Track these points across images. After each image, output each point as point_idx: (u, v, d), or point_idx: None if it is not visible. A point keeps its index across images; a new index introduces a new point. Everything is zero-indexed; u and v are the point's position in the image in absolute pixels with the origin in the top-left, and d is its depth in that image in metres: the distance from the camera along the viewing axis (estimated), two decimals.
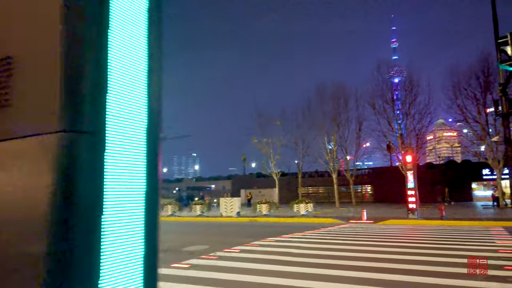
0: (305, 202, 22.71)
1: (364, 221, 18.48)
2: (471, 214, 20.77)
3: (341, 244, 10.44)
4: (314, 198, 49.44)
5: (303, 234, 13.34)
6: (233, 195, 52.70)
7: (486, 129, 27.87)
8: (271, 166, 38.38)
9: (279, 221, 21.02)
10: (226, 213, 24.11)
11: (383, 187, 45.27)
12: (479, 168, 39.75)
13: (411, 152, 20.40)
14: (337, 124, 36.85)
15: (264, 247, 10.13)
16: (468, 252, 8.68)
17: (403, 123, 33.21)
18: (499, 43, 14.34)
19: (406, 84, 33.73)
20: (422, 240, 11.35)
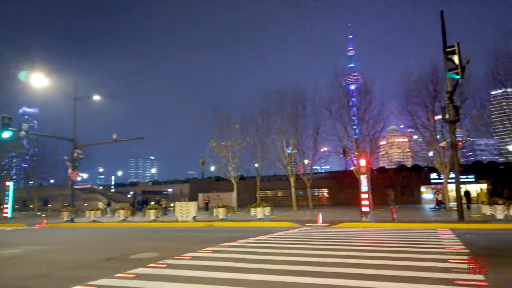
0: (262, 206, 22.54)
1: (320, 225, 18.63)
2: (420, 217, 21.62)
3: (295, 249, 10.32)
4: (272, 201, 49.70)
5: (258, 238, 13.13)
6: (191, 199, 51.73)
7: (434, 135, 29.31)
8: (229, 170, 38.01)
9: (235, 225, 20.72)
10: (182, 218, 23.43)
11: (339, 190, 46.42)
12: (428, 172, 41.83)
13: (365, 156, 20.89)
14: (296, 128, 37.26)
15: (217, 253, 9.78)
16: (417, 254, 8.85)
17: (358, 128, 34.17)
18: (447, 52, 15.04)
19: (361, 90, 34.80)
20: (373, 243, 11.51)
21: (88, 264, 8.97)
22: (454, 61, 14.74)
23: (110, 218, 29.67)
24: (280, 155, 37.18)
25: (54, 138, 36.50)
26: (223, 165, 38.34)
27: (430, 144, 29.69)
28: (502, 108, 29.85)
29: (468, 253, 8.95)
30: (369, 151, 33.47)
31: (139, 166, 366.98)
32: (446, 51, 15.28)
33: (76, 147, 29.22)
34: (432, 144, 29.46)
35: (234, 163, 37.90)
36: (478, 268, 7.03)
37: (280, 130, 36.85)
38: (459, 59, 14.56)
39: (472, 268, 7.08)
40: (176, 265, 8.30)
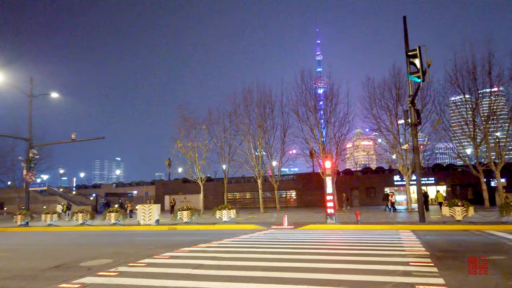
0: (228, 208, 22.13)
1: (285, 227, 18.46)
2: (383, 218, 21.94)
3: (257, 253, 10.00)
4: (240, 203, 49.35)
5: (221, 242, 12.72)
6: (157, 201, 50.55)
7: (397, 138, 30.03)
8: (196, 171, 37.30)
9: (200, 228, 20.19)
10: (144, 221, 22.60)
11: (306, 192, 46.75)
12: (391, 174, 42.95)
13: (330, 158, 20.96)
14: (263, 130, 37.15)
15: (175, 259, 9.29)
16: (380, 257, 8.77)
17: (324, 130, 34.54)
18: (409, 56, 15.29)
19: (328, 93, 35.22)
20: (337, 246, 11.40)
21: (30, 273, 8.20)
22: (416, 65, 15.02)
23: (68, 221, 28.25)
24: (248, 156, 36.96)
25: (7, 137, 34.39)
26: (190, 167, 37.60)
27: (393, 147, 30.41)
28: (460, 113, 31.04)
29: (428, 255, 8.98)
30: (335, 154, 33.92)
31: (104, 167, 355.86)
32: (408, 55, 15.57)
33: (32, 146, 27.64)
34: (395, 147, 30.18)
35: (201, 165, 37.25)
36: (438, 271, 7.02)
37: (247, 132, 36.66)
38: (420, 63, 14.84)
39: (432, 271, 7.05)
40: (128, 273, 7.76)
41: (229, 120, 37.90)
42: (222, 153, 38.22)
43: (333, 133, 34.19)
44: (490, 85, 28.62)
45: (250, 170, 37.60)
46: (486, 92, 29.39)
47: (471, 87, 28.80)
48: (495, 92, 29.23)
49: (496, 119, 29.43)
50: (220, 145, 37.99)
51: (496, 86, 28.94)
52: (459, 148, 32.33)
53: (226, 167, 39.20)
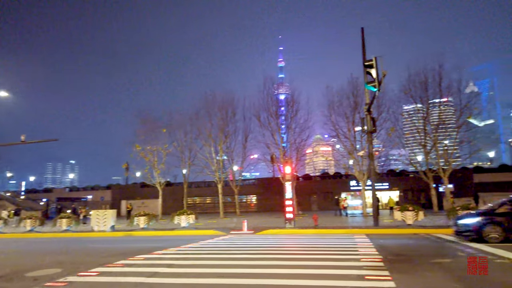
0: (186, 214, 21.77)
1: (245, 232, 18.44)
2: (340, 223, 22.53)
3: (215, 259, 9.90)
4: (200, 208, 48.76)
5: (178, 249, 12.47)
6: (113, 206, 48.72)
7: (354, 144, 31.06)
8: (155, 176, 36.46)
9: (157, 234, 19.71)
10: (99, 227, 21.70)
11: (267, 197, 47.05)
12: (348, 179, 44.27)
13: (290, 163, 21.27)
14: (225, 134, 37.05)
15: (129, 267, 8.97)
16: (335, 262, 8.97)
17: (285, 136, 35.04)
18: (366, 66, 15.89)
19: (289, 100, 35.81)
20: (294, 251, 11.55)
21: None
22: (372, 75, 15.65)
23: (15, 228, 26.56)
24: (208, 161, 36.68)
25: None
26: (148, 171, 36.69)
27: (350, 153, 31.39)
28: (412, 121, 32.66)
29: (381, 259, 9.29)
30: (295, 159, 34.47)
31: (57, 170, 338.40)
32: (365, 65, 16.20)
33: None
34: (352, 153, 31.17)
35: (160, 169, 36.50)
36: (390, 275, 7.29)
37: (209, 136, 36.39)
38: (376, 73, 15.48)
39: (384, 275, 7.31)
40: (78, 283, 7.39)
41: (190, 124, 37.49)
42: (182, 157, 37.69)
43: (294, 139, 34.77)
44: (440, 95, 30.36)
45: (210, 175, 37.32)
46: (436, 102, 31.13)
47: (423, 97, 30.40)
48: (444, 102, 31.04)
49: (444, 127, 31.26)
50: (180, 149, 37.47)
51: (445, 97, 30.74)
52: (411, 155, 33.98)
53: (187, 172, 38.66)
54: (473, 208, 17.46)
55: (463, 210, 17.43)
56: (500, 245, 11.31)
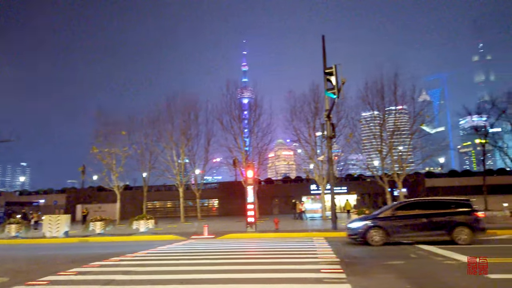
0: (146, 218, 21.26)
1: (206, 237, 18.29)
2: (300, 226, 22.92)
3: (173, 265, 9.74)
4: (161, 212, 47.76)
5: (136, 255, 12.14)
6: (68, 211, 46.53)
7: (315, 149, 31.77)
8: (113, 179, 35.31)
9: (114, 240, 19.09)
10: (51, 233, 20.67)
11: (229, 201, 46.92)
12: (308, 183, 45.15)
13: (252, 167, 21.38)
14: (187, 137, 36.59)
15: (83, 275, 8.62)
16: (294, 265, 9.12)
17: (248, 140, 35.19)
18: (326, 73, 16.36)
19: (252, 103, 36.05)
20: (254, 255, 11.62)
21: None
22: (332, 82, 16.15)
23: None
24: (170, 164, 36.04)
25: None
26: (106, 174, 35.48)
27: (311, 157, 32.07)
28: (370, 128, 33.89)
29: (338, 261, 9.56)
30: (257, 163, 34.70)
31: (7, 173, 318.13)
32: (325, 72, 16.69)
33: None
34: (312, 158, 31.86)
35: (119, 172, 35.39)
36: (346, 277, 7.53)
37: (170, 139, 35.78)
38: (336, 80, 15.99)
39: (341, 278, 7.54)
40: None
41: (152, 126, 36.69)
42: (142, 160, 36.80)
43: (256, 143, 35.01)
44: (395, 103, 31.74)
45: (172, 178, 36.70)
46: (392, 110, 32.52)
47: (380, 105, 31.64)
48: (399, 110, 32.48)
49: (399, 134, 32.70)
50: (140, 151, 36.57)
51: (400, 105, 32.19)
52: (368, 160, 35.20)
53: (147, 175, 37.75)
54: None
55: None
56: (449, 246, 12.00)
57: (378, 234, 12.91)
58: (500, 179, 44.77)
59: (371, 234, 12.96)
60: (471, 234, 12.58)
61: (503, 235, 15.75)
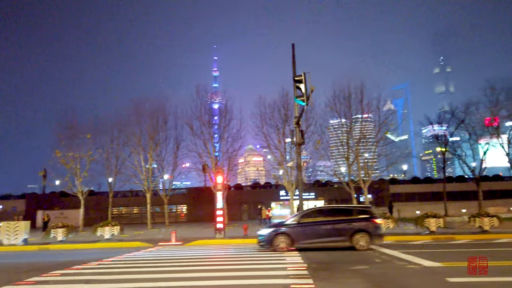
0: (111, 225, 20.63)
1: (173, 243, 18.01)
2: None
3: (140, 273, 9.53)
4: (127, 219, 46.51)
5: (100, 263, 11.77)
6: (27, 217, 44.32)
7: (284, 155, 32.07)
8: (77, 184, 34.08)
9: (77, 248, 18.39)
10: (9, 240, 19.66)
11: (197, 207, 46.41)
12: (278, 189, 45.50)
13: (221, 173, 21.32)
14: (155, 142, 35.94)
15: (42, 285, 8.25)
16: (262, 272, 9.16)
17: (218, 145, 35.06)
18: (296, 80, 16.64)
19: (222, 109, 35.99)
20: (222, 262, 11.56)
21: None
22: (301, 89, 16.42)
23: None
24: (137, 169, 35.23)
25: None
26: (70, 179, 34.18)
27: (280, 163, 32.36)
28: (337, 135, 34.73)
29: (306, 267, 9.70)
30: (227, 168, 34.59)
31: None
32: (295, 80, 16.95)
33: None
34: (282, 164, 32.16)
35: (83, 177, 34.21)
36: (313, 283, 7.65)
37: (138, 143, 35.02)
38: (305, 88, 16.26)
39: (308, 283, 7.66)
40: None
41: (119, 130, 35.77)
42: (108, 165, 35.74)
43: (226, 148, 34.89)
44: (361, 111, 32.69)
45: (139, 184, 35.88)
46: (358, 118, 33.46)
47: (347, 113, 32.49)
48: (365, 118, 33.48)
49: (365, 142, 33.67)
50: (106, 156, 35.51)
51: (366, 113, 33.18)
52: (336, 167, 36.02)
53: (113, 180, 36.69)
54: (388, 217, 19.02)
55: None
56: (411, 251, 12.45)
57: (283, 241, 13.35)
58: (459, 186, 47.04)
59: (277, 240, 13.38)
60: (369, 240, 13.30)
61: (461, 239, 16.53)
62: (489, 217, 18.60)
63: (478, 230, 18.78)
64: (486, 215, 18.85)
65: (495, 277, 7.84)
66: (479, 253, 11.92)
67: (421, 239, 17.14)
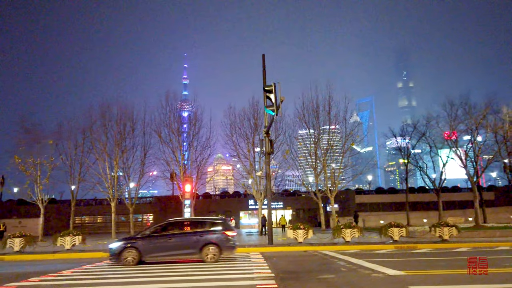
0: (72, 234, 19.82)
1: None
2: (237, 241, 22.87)
3: (103, 285, 9.22)
4: (90, 228, 44.82)
5: (59, 274, 11.27)
6: None
7: (253, 164, 32.22)
8: (37, 192, 32.56)
9: (36, 258, 17.53)
10: None
11: (164, 216, 45.35)
12: (246, 198, 45.49)
13: (190, 182, 21.10)
14: (121, 149, 35.00)
15: None
16: (229, 282, 9.12)
17: (187, 153, 34.66)
18: (266, 90, 16.87)
19: (192, 117, 35.71)
20: (187, 272, 11.38)
21: None
22: (271, 99, 16.68)
23: None
24: (102, 177, 34.09)
25: None
26: (29, 186, 32.59)
27: (249, 173, 32.46)
28: (305, 145, 35.34)
29: (273, 276, 9.74)
30: (196, 177, 34.22)
31: None
32: (265, 90, 17.20)
33: None
34: (251, 173, 32.27)
35: (44, 184, 32.72)
36: None
37: (104, 150, 33.96)
38: (275, 98, 16.54)
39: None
40: None
41: (83, 136, 34.63)
42: (71, 172, 34.43)
43: (195, 157, 34.56)
44: (329, 123, 33.51)
45: (103, 192, 34.75)
46: (326, 129, 34.27)
47: (315, 124, 33.22)
48: (332, 129, 34.32)
49: (332, 152, 34.48)
50: (69, 163, 34.24)
51: (334, 124, 34.04)
52: (303, 176, 36.56)
53: (75, 188, 35.33)
54: (354, 227, 19.48)
55: (346, 228, 19.36)
56: (375, 260, 12.79)
57: (131, 255, 13.19)
58: (421, 197, 48.92)
59: (125, 254, 13.22)
60: (219, 252, 13.52)
61: (422, 248, 17.17)
62: (449, 227, 19.46)
63: (438, 239, 19.60)
64: (445, 225, 19.71)
65: (455, 285, 8.22)
66: (440, 262, 12.47)
67: (385, 248, 17.65)
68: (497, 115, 31.59)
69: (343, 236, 19.35)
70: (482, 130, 32.39)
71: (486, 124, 31.29)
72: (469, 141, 32.44)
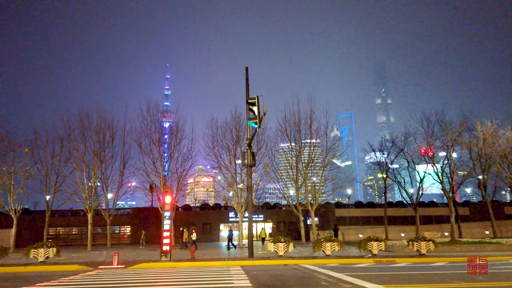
0: (46, 246, 19.17)
1: (115, 266, 17.10)
2: (217, 255, 22.67)
3: None
4: (65, 240, 43.40)
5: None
6: None
7: (235, 177, 32.13)
8: (9, 202, 31.51)
9: (7, 271, 16.86)
10: None
11: (143, 228, 44.49)
12: (227, 211, 45.16)
13: (170, 193, 20.82)
14: (100, 159, 34.29)
15: None
16: None
17: (167, 164, 34.29)
18: (249, 103, 17.00)
19: (173, 127, 35.46)
20: (166, 287, 11.18)
21: None
22: (254, 112, 16.81)
23: None
24: (79, 187, 33.22)
25: None
26: (1, 195, 31.54)
27: (230, 185, 32.33)
28: (287, 158, 35.55)
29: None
30: (176, 189, 33.84)
31: None
32: (248, 102, 17.34)
33: None
34: (232, 185, 32.14)
35: (17, 194, 31.71)
36: None
37: (82, 160, 33.18)
38: (258, 110, 16.68)
39: None
40: None
41: (60, 145, 33.82)
42: (47, 182, 33.51)
43: (176, 168, 34.23)
44: (310, 137, 33.88)
45: (80, 203, 33.82)
46: (307, 143, 34.61)
47: (296, 137, 33.52)
48: (313, 143, 34.70)
49: (313, 166, 34.80)
50: (45, 172, 33.33)
51: (315, 138, 34.43)
52: (284, 189, 36.63)
53: (51, 198, 34.32)
54: (334, 240, 19.60)
55: (327, 242, 19.46)
56: (356, 274, 12.88)
57: None
58: (399, 211, 49.68)
59: None
60: None
61: (401, 262, 17.41)
62: (426, 241, 19.84)
63: (416, 253, 19.93)
64: (423, 239, 20.09)
65: None
66: (419, 276, 12.66)
67: (364, 262, 17.81)
68: (472, 132, 32.70)
69: (324, 249, 19.43)
70: (458, 147, 33.45)
71: (461, 141, 32.32)
72: (445, 157, 33.37)
